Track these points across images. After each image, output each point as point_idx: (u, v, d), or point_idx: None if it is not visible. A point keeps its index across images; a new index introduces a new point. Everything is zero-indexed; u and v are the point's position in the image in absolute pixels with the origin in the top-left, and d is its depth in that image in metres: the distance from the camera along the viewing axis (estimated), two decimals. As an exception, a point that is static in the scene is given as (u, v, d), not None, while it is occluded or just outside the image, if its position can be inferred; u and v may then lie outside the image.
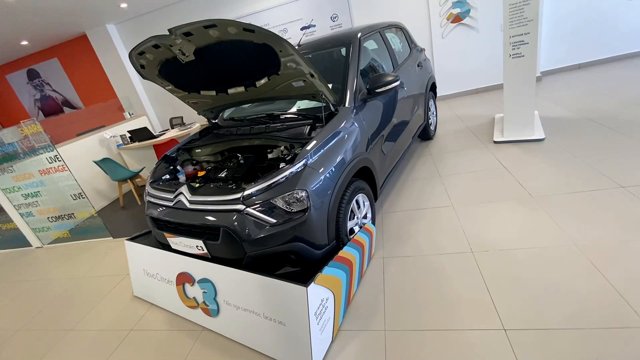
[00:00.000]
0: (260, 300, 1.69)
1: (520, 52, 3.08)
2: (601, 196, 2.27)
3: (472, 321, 1.63)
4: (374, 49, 2.98)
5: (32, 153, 3.40)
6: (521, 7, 2.92)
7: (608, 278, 1.66)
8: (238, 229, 1.72)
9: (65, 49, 7.06)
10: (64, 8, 4.82)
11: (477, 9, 5.15)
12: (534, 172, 2.78)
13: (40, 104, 7.94)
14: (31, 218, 3.90)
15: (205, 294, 1.94)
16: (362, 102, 2.39)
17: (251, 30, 1.64)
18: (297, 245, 1.75)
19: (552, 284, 1.71)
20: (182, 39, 1.79)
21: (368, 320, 1.79)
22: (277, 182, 1.74)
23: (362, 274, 2.12)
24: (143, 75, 2.25)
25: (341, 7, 5.62)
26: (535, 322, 1.53)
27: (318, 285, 1.60)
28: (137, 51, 1.98)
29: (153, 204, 2.14)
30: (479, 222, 2.34)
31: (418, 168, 3.42)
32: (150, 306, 2.38)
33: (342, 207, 1.94)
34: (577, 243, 1.93)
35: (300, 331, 1.55)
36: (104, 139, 5.05)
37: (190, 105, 2.60)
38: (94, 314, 2.47)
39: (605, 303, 1.54)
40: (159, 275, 2.25)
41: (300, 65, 1.87)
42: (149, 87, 7.09)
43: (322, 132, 1.99)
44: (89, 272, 3.11)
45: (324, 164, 1.88)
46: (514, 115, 3.36)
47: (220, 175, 2.15)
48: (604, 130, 3.16)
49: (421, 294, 1.87)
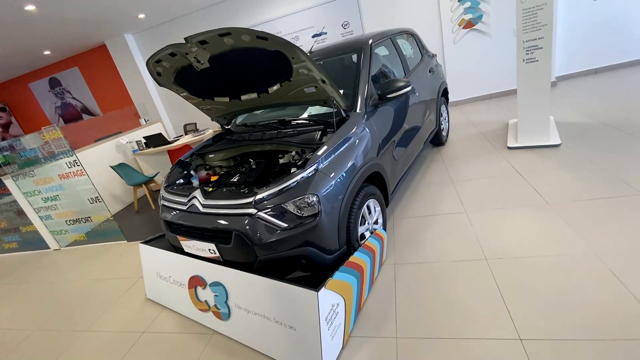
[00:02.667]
0: (271, 304, 1.70)
1: (534, 57, 3.04)
2: (619, 203, 2.20)
3: (487, 330, 1.59)
4: (385, 55, 3.00)
5: (53, 158, 3.53)
6: (535, 12, 2.89)
7: (628, 286, 1.60)
8: (250, 233, 1.74)
9: (85, 58, 7.33)
10: (85, 19, 5.02)
11: (489, 14, 5.13)
12: (549, 178, 2.72)
13: (61, 111, 8.24)
14: (50, 221, 4.02)
15: (217, 297, 1.95)
16: (373, 107, 2.40)
17: (264, 38, 1.68)
18: (308, 249, 1.75)
19: (569, 292, 1.66)
20: (197, 47, 1.84)
21: (379, 327, 1.77)
22: (288, 186, 1.75)
23: (373, 280, 2.10)
24: (159, 83, 2.31)
25: (352, 14, 5.67)
26: (552, 332, 1.49)
27: (329, 290, 1.59)
28: (154, 59, 2.04)
29: (167, 207, 2.19)
30: (493, 228, 2.30)
31: (430, 174, 3.39)
32: (163, 309, 2.41)
33: (353, 212, 1.94)
34: (595, 250, 1.87)
35: (311, 336, 1.55)
36: (120, 145, 5.20)
37: (204, 111, 2.65)
38: (108, 316, 2.52)
39: (626, 313, 1.48)
40: (171, 278, 2.28)
41: (312, 72, 1.90)
42: (163, 95, 7.28)
43: (333, 138, 2.00)
44: (104, 275, 3.18)
45: (335, 169, 1.88)
46: (529, 121, 3.30)
47: (233, 179, 2.18)
48: (622, 135, 3.07)
49: (434, 302, 1.84)
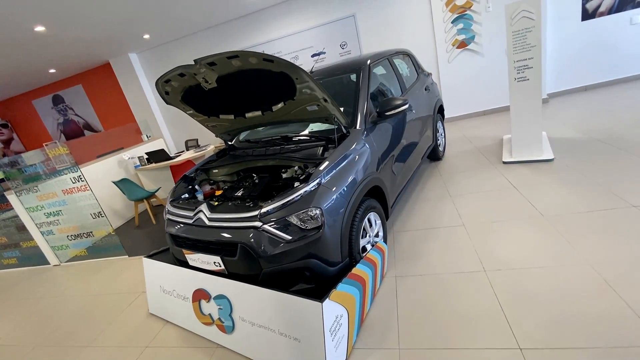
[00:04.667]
0: (275, 316, 1.73)
1: (525, 76, 3.18)
2: (613, 215, 2.28)
3: (488, 340, 1.62)
4: (382, 74, 3.13)
5: (57, 173, 3.58)
6: (524, 34, 3.05)
7: (622, 296, 1.65)
8: (255, 246, 1.79)
9: (89, 76, 7.50)
10: (93, 39, 5.19)
11: (481, 35, 5.35)
12: (544, 191, 2.80)
13: (63, 128, 8.34)
14: (51, 236, 4.03)
15: (221, 310, 1.98)
16: (373, 124, 2.50)
17: (270, 60, 1.79)
18: (312, 261, 1.80)
19: (566, 302, 1.71)
20: (206, 68, 1.95)
21: (382, 338, 1.80)
22: (292, 200, 1.81)
23: (375, 292, 2.13)
24: (166, 101, 2.41)
25: (350, 35, 5.90)
26: (551, 342, 1.53)
27: (333, 301, 1.63)
28: (163, 79, 2.15)
29: (173, 221, 2.24)
30: (491, 241, 2.36)
31: (428, 188, 3.47)
32: (165, 323, 2.41)
33: (354, 225, 1.99)
34: (590, 262, 1.93)
35: (315, 347, 1.58)
36: (122, 160, 5.26)
37: (209, 128, 2.74)
38: (111, 331, 2.52)
39: (621, 321, 1.53)
40: (175, 292, 2.31)
41: (314, 91, 2.00)
42: (165, 111, 7.42)
43: (335, 153, 2.08)
44: (105, 290, 3.18)
45: (337, 183, 1.95)
46: (522, 136, 3.42)
47: (237, 194, 2.24)
48: (613, 150, 3.18)
49: (435, 313, 1.87)
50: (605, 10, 5.02)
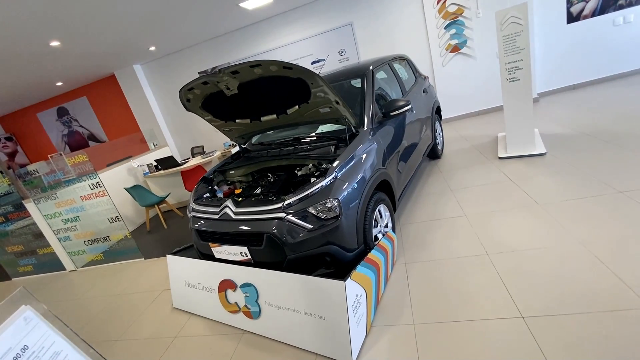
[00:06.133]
0: (300, 299, 1.90)
1: (516, 77, 3.42)
2: (600, 200, 2.49)
3: (493, 312, 1.81)
4: (384, 78, 3.35)
5: (76, 180, 3.74)
6: (513, 38, 3.30)
7: (610, 268, 1.86)
8: (280, 235, 1.97)
9: (94, 87, 7.68)
10: (102, 52, 5.39)
11: (473, 39, 5.63)
12: (538, 182, 3.01)
13: (67, 139, 8.48)
14: (68, 242, 4.17)
15: (248, 298, 2.14)
16: (378, 124, 2.71)
17: (289, 68, 1.99)
18: (332, 247, 1.98)
19: (561, 277, 1.90)
20: (228, 77, 2.15)
21: (397, 316, 1.98)
22: (312, 192, 2.00)
23: (388, 277, 2.32)
24: (187, 108, 2.60)
25: (348, 42, 6.15)
26: (549, 310, 1.72)
27: (353, 281, 1.81)
28: (187, 87, 2.34)
29: (198, 218, 2.41)
30: (491, 228, 2.56)
31: (430, 184, 3.68)
32: (190, 316, 2.57)
33: (367, 215, 2.18)
34: (582, 241, 2.14)
35: (340, 323, 1.75)
36: (132, 168, 5.42)
37: (225, 132, 2.93)
38: (137, 326, 2.66)
39: (611, 290, 1.73)
40: (200, 284, 2.47)
41: (327, 95, 2.20)
42: (169, 121, 7.60)
43: (347, 150, 2.28)
44: (125, 290, 3.32)
45: (350, 178, 2.15)
46: (516, 133, 3.65)
47: (256, 191, 2.43)
48: (599, 143, 3.42)
49: (444, 292, 2.06)
50: (589, 13, 5.32)
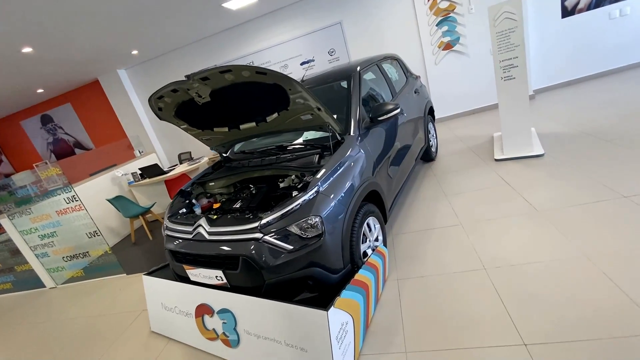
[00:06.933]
0: (280, 328, 1.72)
1: (511, 75, 3.26)
2: (605, 207, 2.33)
3: (493, 338, 1.64)
4: (372, 79, 3.18)
5: (50, 194, 3.54)
6: (507, 35, 3.13)
7: (620, 286, 1.69)
8: (257, 257, 1.79)
9: (77, 94, 7.45)
10: (82, 58, 5.18)
11: (465, 36, 5.46)
12: (537, 186, 2.85)
13: (53, 147, 8.24)
14: (46, 259, 3.96)
15: (225, 325, 1.96)
16: (366, 129, 2.53)
17: (263, 73, 1.81)
18: (314, 270, 1.80)
19: (566, 296, 1.74)
20: (199, 83, 1.96)
21: (388, 343, 1.81)
22: (292, 209, 1.82)
23: (379, 296, 2.14)
24: (160, 117, 2.41)
25: (337, 42, 5.97)
26: (554, 336, 1.55)
27: (337, 309, 1.64)
28: (156, 96, 2.15)
29: (172, 237, 2.22)
30: (489, 238, 2.39)
31: (424, 189, 3.51)
32: (169, 341, 2.38)
33: (354, 231, 2.01)
34: (586, 254, 1.97)
35: (323, 356, 1.57)
36: (115, 177, 5.22)
37: (203, 141, 2.74)
38: (113, 351, 2.48)
39: (621, 312, 1.56)
40: (177, 308, 2.28)
41: (307, 101, 2.02)
42: (157, 126, 7.39)
43: (331, 160, 2.10)
44: (105, 310, 3.13)
45: (335, 190, 1.97)
46: (512, 133, 3.48)
47: (236, 205, 2.24)
48: (601, 142, 3.26)
49: (439, 314, 1.89)
50: (584, 6, 5.17)
